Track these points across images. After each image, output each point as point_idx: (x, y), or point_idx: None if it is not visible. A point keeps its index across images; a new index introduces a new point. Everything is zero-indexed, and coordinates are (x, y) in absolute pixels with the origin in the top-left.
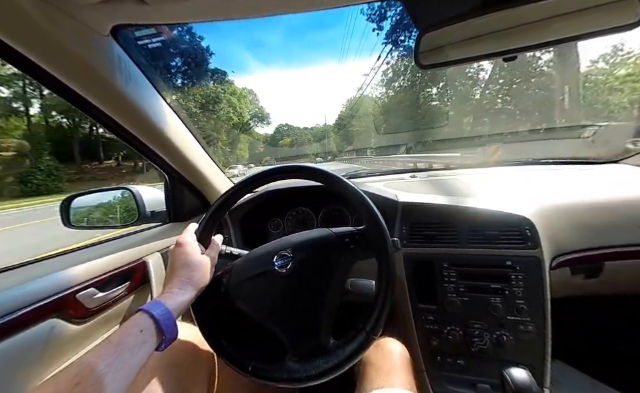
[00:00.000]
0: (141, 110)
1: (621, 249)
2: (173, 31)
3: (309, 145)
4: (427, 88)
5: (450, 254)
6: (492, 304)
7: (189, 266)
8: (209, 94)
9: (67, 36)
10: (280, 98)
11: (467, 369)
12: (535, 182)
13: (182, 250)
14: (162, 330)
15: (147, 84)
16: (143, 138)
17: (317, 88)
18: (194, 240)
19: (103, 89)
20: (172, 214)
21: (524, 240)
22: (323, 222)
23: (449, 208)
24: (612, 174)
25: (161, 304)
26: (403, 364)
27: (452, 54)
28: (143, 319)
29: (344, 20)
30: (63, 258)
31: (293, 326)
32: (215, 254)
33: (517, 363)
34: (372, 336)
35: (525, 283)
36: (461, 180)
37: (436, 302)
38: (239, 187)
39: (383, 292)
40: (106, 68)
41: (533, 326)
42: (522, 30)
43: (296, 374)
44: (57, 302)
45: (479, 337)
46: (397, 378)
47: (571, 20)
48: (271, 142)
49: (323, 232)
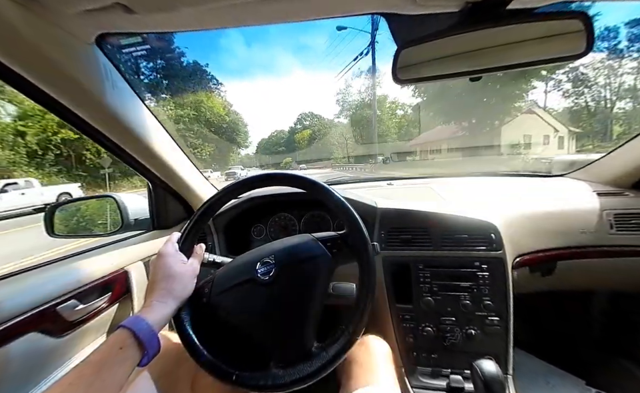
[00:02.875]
0: (123, 118)
1: (569, 250)
2: (159, 40)
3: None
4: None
5: (424, 256)
6: (462, 301)
7: (170, 278)
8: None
9: (50, 44)
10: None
11: (440, 362)
12: (497, 191)
13: (163, 262)
14: (144, 346)
15: (131, 92)
16: (125, 146)
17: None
18: (176, 250)
19: (85, 97)
20: (155, 222)
21: (489, 243)
22: (305, 227)
23: (424, 214)
24: (560, 187)
25: (141, 319)
26: (386, 362)
27: (427, 71)
28: (123, 336)
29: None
30: (43, 270)
31: (276, 333)
32: (197, 264)
33: (483, 354)
34: (354, 337)
35: (491, 281)
36: (434, 188)
37: (412, 301)
38: (221, 195)
39: (364, 295)
40: (89, 77)
41: (498, 320)
42: (488, 53)
43: (281, 379)
44: (36, 315)
45: (450, 332)
46: (382, 375)
47: (530, 47)
48: (288, 140)
49: (304, 237)
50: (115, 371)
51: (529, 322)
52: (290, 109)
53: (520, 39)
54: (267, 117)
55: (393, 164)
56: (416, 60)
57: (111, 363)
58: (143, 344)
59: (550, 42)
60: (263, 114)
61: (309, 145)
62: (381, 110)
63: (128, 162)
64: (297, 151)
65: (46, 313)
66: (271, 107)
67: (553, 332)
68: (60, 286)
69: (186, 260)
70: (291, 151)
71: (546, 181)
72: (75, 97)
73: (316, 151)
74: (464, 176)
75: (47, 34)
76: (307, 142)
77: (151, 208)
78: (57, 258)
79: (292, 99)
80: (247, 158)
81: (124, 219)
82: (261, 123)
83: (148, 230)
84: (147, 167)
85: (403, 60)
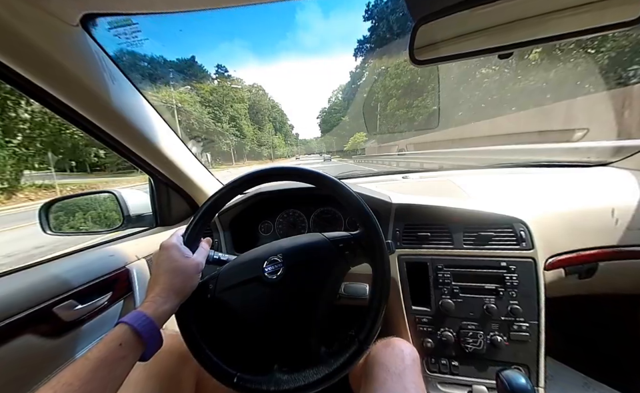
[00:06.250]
0: (116, 107)
1: (615, 250)
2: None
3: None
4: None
5: (444, 256)
6: (486, 305)
7: (173, 272)
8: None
9: (30, 26)
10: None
11: (461, 370)
12: (527, 184)
13: (167, 255)
14: (144, 342)
15: (124, 79)
16: (120, 137)
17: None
18: (180, 243)
19: (73, 85)
20: (158, 219)
21: (518, 241)
22: (314, 225)
23: (444, 209)
24: (603, 178)
25: (142, 314)
26: (414, 366)
27: (448, 49)
28: (122, 332)
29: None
30: (38, 269)
31: (281, 335)
32: (202, 259)
33: (511, 363)
34: (365, 346)
35: (520, 284)
36: (454, 182)
37: (430, 304)
38: (229, 188)
39: (377, 302)
40: (75, 62)
41: (528, 326)
42: (519, 26)
43: (284, 385)
44: (30, 316)
45: (472, 338)
46: (409, 381)
47: (571, 16)
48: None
49: (315, 237)
50: (114, 369)
51: (562, 329)
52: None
53: (559, 7)
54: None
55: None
56: (436, 37)
57: (110, 360)
58: (143, 340)
59: (591, 10)
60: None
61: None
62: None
63: (126, 155)
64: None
65: (42, 314)
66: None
67: (589, 339)
68: (57, 286)
69: (191, 254)
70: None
71: (585, 171)
72: (61, 85)
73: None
74: (490, 168)
75: (27, 16)
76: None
77: (153, 205)
78: (53, 256)
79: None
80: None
81: (124, 215)
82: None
83: (151, 227)
84: (147, 161)
85: (420, 39)
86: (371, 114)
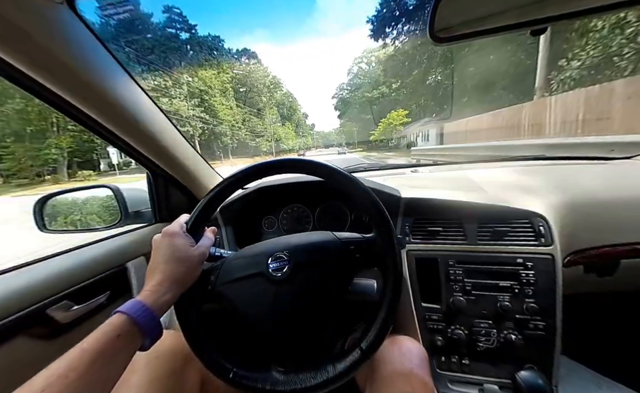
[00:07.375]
0: (107, 93)
1: (639, 246)
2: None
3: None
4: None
5: (456, 252)
6: (500, 303)
7: (177, 261)
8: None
9: (8, 4)
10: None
11: (473, 369)
12: (546, 178)
13: (169, 242)
14: (143, 332)
15: (115, 64)
16: (112, 127)
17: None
18: (183, 231)
19: (57, 68)
20: (158, 214)
21: (537, 237)
22: (319, 220)
23: (456, 204)
24: (627, 171)
25: (141, 304)
26: (422, 366)
27: (471, 25)
28: (121, 322)
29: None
30: (31, 268)
31: (282, 334)
32: (205, 249)
33: (525, 362)
34: (368, 354)
35: (537, 281)
36: (467, 176)
37: (440, 301)
38: (238, 178)
39: (384, 308)
40: (60, 44)
41: (543, 325)
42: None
43: (279, 385)
44: (22, 319)
45: (485, 336)
46: (416, 381)
47: None
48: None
49: (325, 235)
50: (112, 362)
51: (578, 327)
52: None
53: None
54: None
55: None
56: (458, 12)
57: (108, 353)
58: (143, 332)
59: None
60: None
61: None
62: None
63: (122, 148)
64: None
65: (34, 316)
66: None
67: (606, 338)
68: (51, 285)
69: (194, 242)
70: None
71: (607, 165)
72: (44, 68)
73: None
74: (509, 161)
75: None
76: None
77: (152, 200)
78: (48, 254)
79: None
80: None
81: (123, 211)
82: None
83: (150, 223)
84: (144, 153)
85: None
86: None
